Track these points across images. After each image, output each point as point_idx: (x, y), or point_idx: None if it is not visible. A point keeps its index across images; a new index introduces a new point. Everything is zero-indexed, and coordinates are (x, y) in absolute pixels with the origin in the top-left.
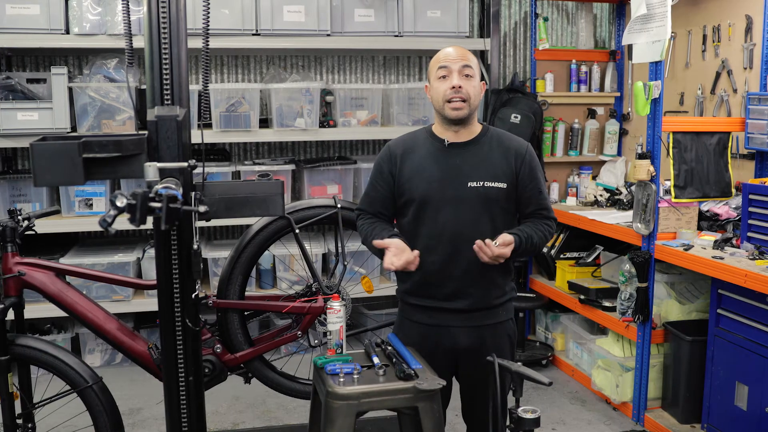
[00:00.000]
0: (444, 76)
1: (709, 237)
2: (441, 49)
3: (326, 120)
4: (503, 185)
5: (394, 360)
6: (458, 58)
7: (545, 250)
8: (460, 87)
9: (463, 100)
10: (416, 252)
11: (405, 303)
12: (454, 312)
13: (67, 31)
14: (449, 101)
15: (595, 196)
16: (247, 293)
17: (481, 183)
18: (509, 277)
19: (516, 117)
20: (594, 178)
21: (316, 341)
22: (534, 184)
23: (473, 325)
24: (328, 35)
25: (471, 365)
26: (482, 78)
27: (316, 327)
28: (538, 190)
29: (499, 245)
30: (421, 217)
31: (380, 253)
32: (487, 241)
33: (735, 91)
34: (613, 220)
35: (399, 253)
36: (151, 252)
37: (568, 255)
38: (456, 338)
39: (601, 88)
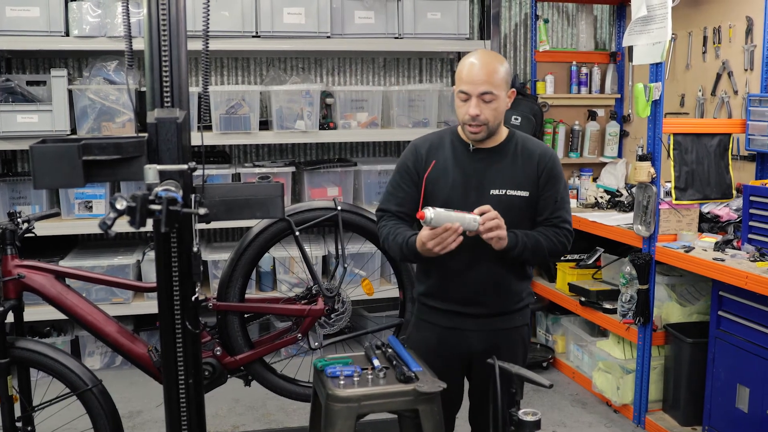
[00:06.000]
0: (464, 99)
1: (710, 239)
2: (469, 57)
3: (326, 122)
4: (526, 194)
5: (394, 362)
6: (479, 83)
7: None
8: (477, 115)
9: (482, 124)
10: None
11: (422, 305)
12: (470, 316)
13: (67, 33)
14: (468, 124)
15: (595, 198)
16: (247, 296)
17: (504, 191)
18: (527, 282)
19: (516, 119)
20: (594, 179)
21: (316, 344)
22: (551, 192)
23: (489, 329)
24: (328, 37)
25: (484, 369)
26: (512, 85)
27: (317, 329)
28: (553, 200)
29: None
30: None
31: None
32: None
33: (736, 92)
34: (614, 222)
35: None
36: (151, 254)
37: (568, 257)
38: (471, 342)
39: (602, 90)
